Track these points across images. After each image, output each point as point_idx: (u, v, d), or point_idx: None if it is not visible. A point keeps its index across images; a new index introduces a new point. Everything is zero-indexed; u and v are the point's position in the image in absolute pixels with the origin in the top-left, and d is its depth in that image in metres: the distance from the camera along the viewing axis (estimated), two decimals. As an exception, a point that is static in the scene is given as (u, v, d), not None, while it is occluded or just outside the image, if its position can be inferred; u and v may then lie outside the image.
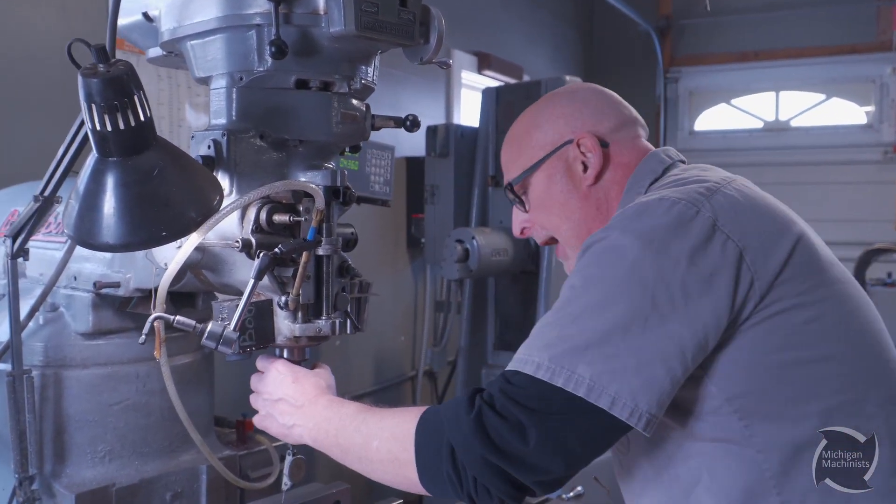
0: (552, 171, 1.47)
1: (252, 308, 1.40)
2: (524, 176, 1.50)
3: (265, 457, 2.02)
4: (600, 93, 1.55)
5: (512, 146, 1.56)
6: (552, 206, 1.49)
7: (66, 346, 1.74)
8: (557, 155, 1.46)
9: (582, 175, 1.46)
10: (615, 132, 1.49)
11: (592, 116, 1.49)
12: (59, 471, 1.72)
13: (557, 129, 1.48)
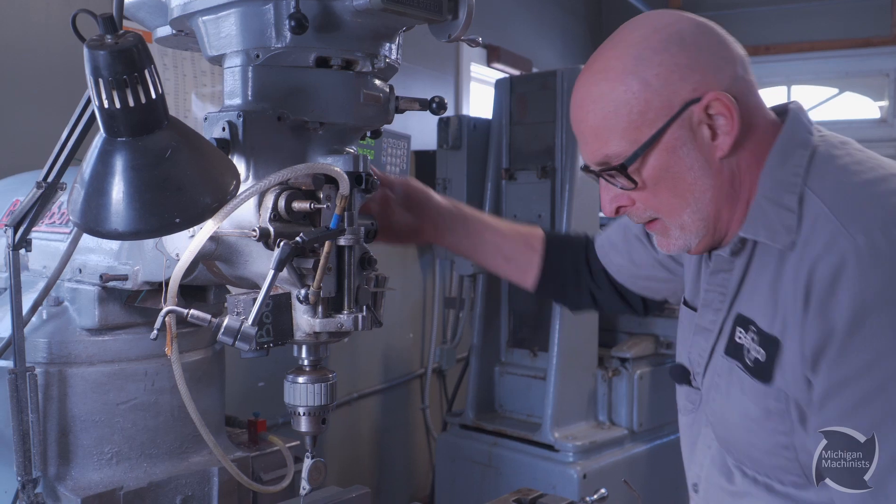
0: (675, 142, 1.21)
1: (270, 302, 1.32)
2: (641, 152, 1.22)
3: (279, 458, 1.94)
4: (706, 28, 1.25)
5: (604, 109, 1.23)
6: (678, 186, 1.24)
7: (71, 343, 1.65)
8: (680, 121, 1.20)
9: (711, 143, 1.21)
10: (736, 82, 1.22)
11: (711, 63, 1.21)
12: (63, 473, 1.63)
13: (672, 85, 1.19)
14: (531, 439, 3.26)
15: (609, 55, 1.26)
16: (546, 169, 3.29)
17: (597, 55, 1.30)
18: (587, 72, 1.29)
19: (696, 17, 1.27)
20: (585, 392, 3.36)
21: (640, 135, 1.21)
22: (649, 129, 1.20)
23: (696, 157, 1.21)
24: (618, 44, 1.27)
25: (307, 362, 1.45)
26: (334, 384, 1.47)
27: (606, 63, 1.26)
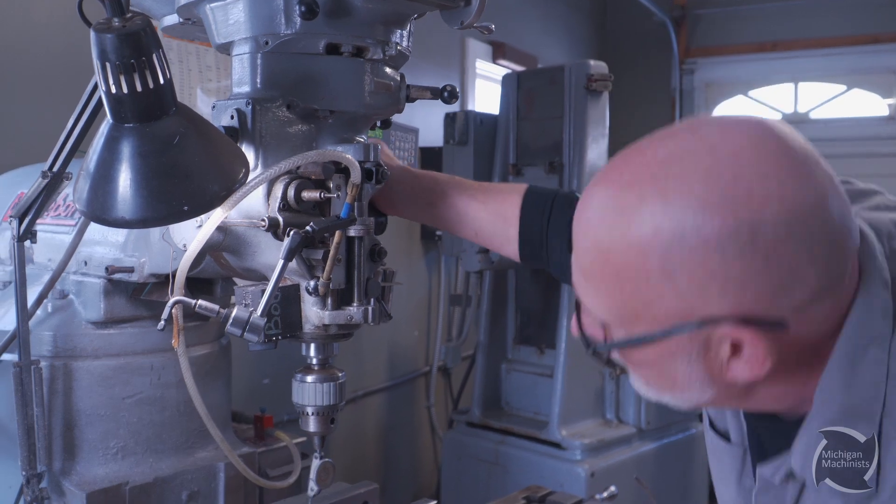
0: (676, 349, 0.91)
1: (278, 294, 1.29)
2: (626, 346, 0.96)
3: (285, 454, 1.92)
4: (800, 221, 0.85)
5: (605, 261, 0.91)
6: (663, 380, 0.97)
7: (77, 336, 1.63)
8: (694, 333, 0.89)
9: (725, 364, 0.91)
10: (811, 304, 0.88)
11: (776, 282, 0.86)
12: (68, 468, 1.62)
13: (704, 295, 0.86)
14: (538, 437, 3.23)
15: (646, 191, 0.88)
16: (554, 164, 3.26)
17: (633, 164, 0.92)
18: (610, 183, 0.93)
19: (801, 189, 0.85)
20: (593, 390, 3.33)
21: (635, 325, 0.92)
22: (648, 326, 0.91)
23: (698, 371, 0.92)
24: (666, 184, 0.87)
25: (315, 361, 1.43)
26: (343, 384, 1.45)
27: (638, 199, 0.88)
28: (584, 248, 0.94)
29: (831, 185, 0.88)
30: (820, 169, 0.88)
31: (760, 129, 0.88)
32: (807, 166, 0.86)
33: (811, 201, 0.85)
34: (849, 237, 0.89)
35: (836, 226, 0.87)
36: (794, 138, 0.88)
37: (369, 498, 1.57)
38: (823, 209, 0.86)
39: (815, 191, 0.85)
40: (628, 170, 0.91)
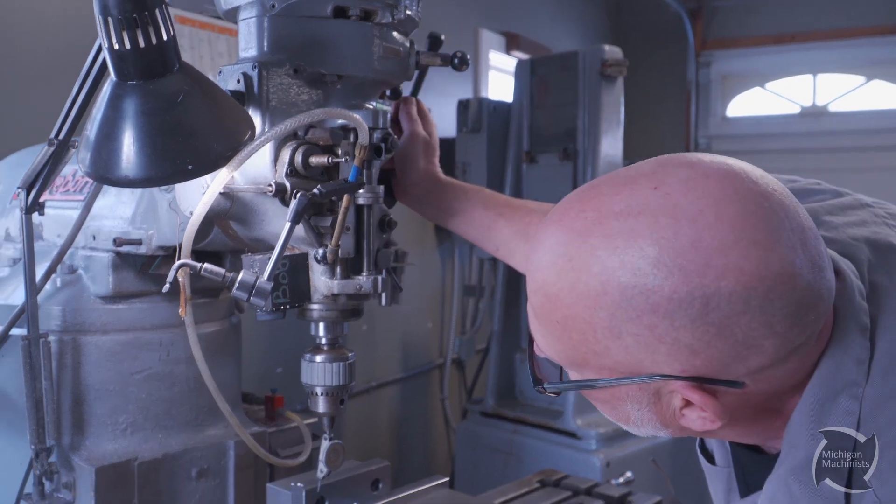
0: (625, 395, 0.91)
1: (286, 262, 1.28)
2: (574, 387, 0.95)
3: (296, 435, 1.90)
4: (760, 294, 0.81)
5: (552, 301, 0.88)
6: (616, 416, 0.97)
7: (85, 311, 1.62)
8: (643, 385, 0.88)
9: (678, 412, 0.90)
10: (771, 367, 0.86)
11: (726, 354, 0.83)
12: (77, 443, 1.60)
13: (653, 354, 0.84)
14: (553, 426, 3.20)
15: (598, 245, 0.84)
16: (568, 151, 3.24)
17: (589, 210, 0.87)
18: (563, 227, 0.88)
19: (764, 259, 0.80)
20: (608, 379, 3.29)
21: (583, 370, 0.91)
22: (597, 373, 0.89)
23: (649, 416, 0.92)
24: (618, 240, 0.83)
25: (325, 340, 1.41)
26: (353, 364, 1.43)
27: (589, 251, 0.84)
28: (533, 290, 0.91)
29: (802, 247, 0.83)
30: (794, 231, 0.83)
31: (729, 187, 0.82)
32: (777, 232, 0.81)
33: (775, 271, 0.80)
34: (819, 301, 0.84)
35: (803, 292, 0.82)
36: (766, 195, 0.83)
37: (381, 475, 1.54)
38: (789, 277, 0.81)
39: (781, 259, 0.80)
40: (583, 216, 0.86)
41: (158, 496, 1.62)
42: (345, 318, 1.37)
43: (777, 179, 0.88)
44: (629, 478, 1.95)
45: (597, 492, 1.85)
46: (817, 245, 0.85)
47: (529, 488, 1.88)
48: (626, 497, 1.82)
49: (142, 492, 1.59)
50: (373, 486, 1.53)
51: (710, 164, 0.85)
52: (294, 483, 1.44)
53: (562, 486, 1.90)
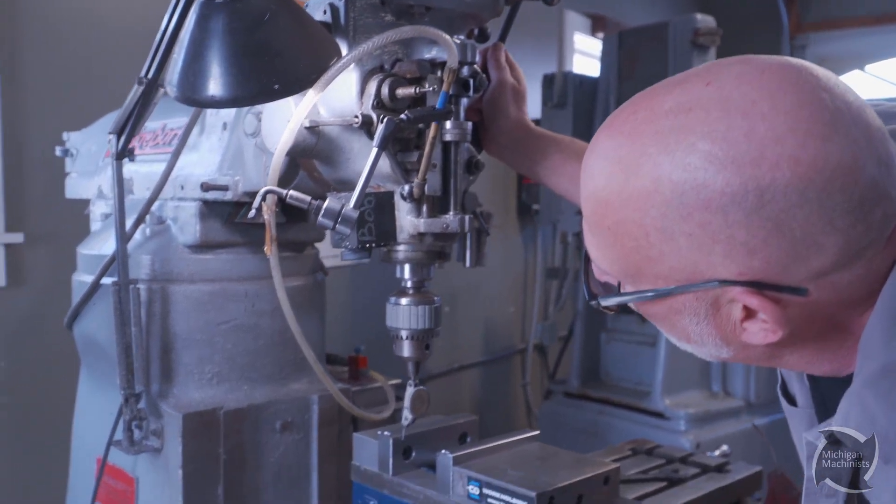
0: (683, 307, 0.86)
1: (372, 199, 1.25)
2: (630, 301, 0.91)
3: (380, 395, 1.88)
4: (819, 187, 0.76)
5: (606, 208, 0.85)
6: (677, 335, 0.93)
7: (173, 260, 1.63)
8: (700, 293, 0.84)
9: (738, 325, 0.85)
10: (834, 271, 0.80)
11: (788, 251, 0.78)
12: (165, 391, 1.61)
13: (708, 255, 0.80)
14: (640, 406, 3.11)
15: (648, 144, 0.81)
16: (657, 124, 3.14)
17: (640, 112, 0.84)
18: (614, 131, 0.86)
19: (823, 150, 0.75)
20: (698, 360, 3.15)
21: (638, 281, 0.86)
22: (652, 283, 0.85)
23: (708, 330, 0.87)
24: (669, 138, 0.79)
25: (410, 283, 1.38)
26: (438, 308, 1.40)
27: (639, 151, 0.81)
28: (585, 197, 0.88)
29: (866, 142, 0.77)
30: (857, 126, 0.77)
31: (787, 79, 0.78)
32: (837, 124, 0.76)
33: (834, 162, 0.75)
34: (885, 199, 0.78)
35: (867, 188, 0.76)
36: (828, 88, 0.77)
37: (468, 429, 1.50)
38: (850, 170, 0.75)
39: (841, 150, 0.75)
40: (634, 118, 0.83)
41: (242, 447, 1.62)
42: (430, 259, 1.34)
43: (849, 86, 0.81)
44: (725, 451, 1.85)
45: (692, 460, 1.77)
46: (886, 145, 0.79)
47: (621, 455, 1.81)
48: (723, 466, 1.74)
49: (227, 441, 1.59)
50: (460, 440, 1.49)
51: (767, 60, 0.80)
52: (381, 432, 1.41)
53: (654, 454, 1.83)
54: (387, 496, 1.38)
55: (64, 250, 2.01)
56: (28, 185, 2.47)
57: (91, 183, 1.99)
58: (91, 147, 2.05)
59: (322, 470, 1.72)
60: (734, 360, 0.92)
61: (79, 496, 1.88)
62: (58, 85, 2.51)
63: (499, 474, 1.23)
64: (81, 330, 1.78)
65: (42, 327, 2.47)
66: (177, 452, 1.56)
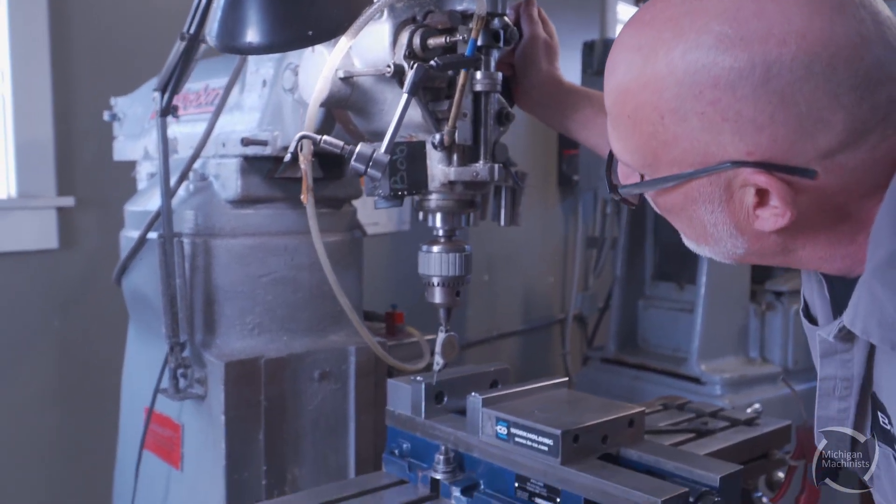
0: (696, 194, 0.90)
1: (404, 148, 1.28)
2: (646, 189, 0.95)
3: (416, 350, 1.93)
4: (822, 65, 0.79)
5: (626, 93, 0.89)
6: (694, 229, 0.96)
7: (215, 215, 1.69)
8: (713, 177, 0.87)
9: (751, 211, 0.88)
10: (841, 151, 0.83)
11: (796, 127, 0.81)
12: (208, 341, 1.68)
13: (719, 135, 0.84)
14: (676, 372, 3.12)
15: (664, 29, 0.85)
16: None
17: (659, 2, 0.88)
18: (634, 23, 0.91)
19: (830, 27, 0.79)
20: (736, 326, 3.17)
21: (656, 169, 0.90)
22: (667, 168, 0.89)
23: (723, 219, 0.90)
24: (684, 21, 0.84)
25: (442, 232, 1.41)
26: (469, 256, 1.43)
27: (655, 37, 0.86)
28: (607, 91, 0.93)
29: (874, 24, 0.80)
30: (865, 8, 0.81)
31: None
32: (844, 4, 0.80)
33: (840, 38, 0.79)
34: (891, 82, 0.81)
35: (873, 66, 0.79)
36: None
37: (500, 377, 1.54)
38: (856, 47, 0.79)
39: (847, 28, 0.79)
40: (652, 8, 0.88)
41: (283, 395, 1.68)
42: (461, 208, 1.37)
43: None
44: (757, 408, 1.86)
45: (722, 415, 1.79)
46: (895, 31, 0.82)
47: (652, 410, 1.83)
48: (753, 420, 1.75)
49: (267, 388, 1.66)
50: (491, 387, 1.53)
51: None
52: (414, 378, 1.46)
53: (685, 409, 1.85)
54: (419, 438, 1.42)
55: (113, 212, 2.09)
56: (78, 149, 2.55)
57: (137, 145, 2.07)
58: (137, 110, 2.12)
59: (359, 420, 1.78)
60: (749, 256, 0.95)
61: (129, 444, 1.97)
62: (105, 51, 2.58)
63: (526, 415, 1.27)
64: (129, 284, 1.85)
65: (93, 288, 2.57)
66: (219, 399, 1.62)
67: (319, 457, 1.73)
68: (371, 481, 1.43)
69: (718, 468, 1.22)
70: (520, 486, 1.26)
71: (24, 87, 2.43)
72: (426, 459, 1.39)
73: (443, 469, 1.34)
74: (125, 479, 1.91)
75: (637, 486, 1.14)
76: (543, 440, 1.22)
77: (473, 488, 1.32)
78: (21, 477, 2.55)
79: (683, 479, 1.21)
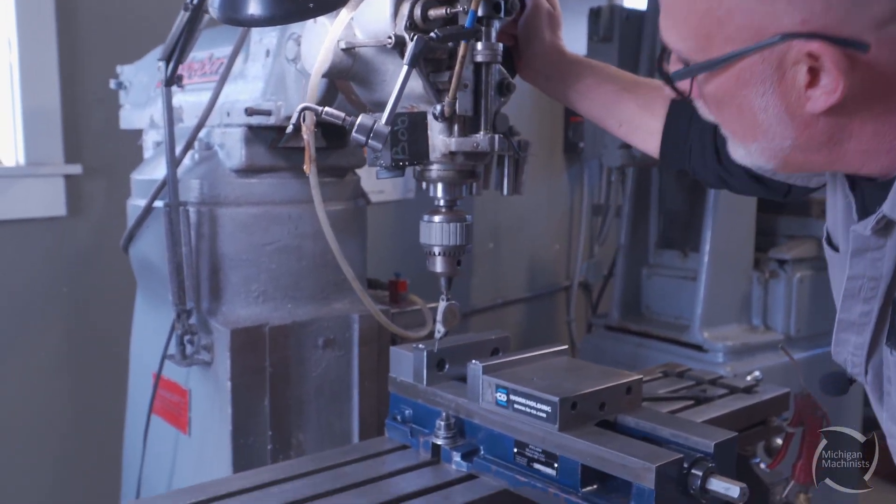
0: (749, 74, 0.92)
1: (405, 119, 1.29)
2: (696, 72, 0.96)
3: (418, 318, 1.95)
4: None
5: None
6: (744, 120, 0.98)
7: (220, 184, 1.71)
8: (766, 52, 0.89)
9: (802, 91, 0.90)
10: (881, 31, 0.86)
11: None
12: (214, 308, 1.71)
13: (772, 5, 0.87)
14: (679, 339, 3.14)
15: None
16: (702, 58, 3.10)
17: None
18: None
19: None
20: (739, 294, 3.19)
21: (708, 48, 0.93)
22: (721, 46, 0.91)
23: (773, 102, 0.92)
24: None
25: (443, 202, 1.43)
26: (470, 226, 1.44)
27: None
28: None
29: None
30: None
31: None
32: None
33: None
34: None
35: None
36: None
37: (501, 345, 1.56)
38: None
39: None
40: None
41: (287, 362, 1.71)
42: (462, 178, 1.38)
43: None
44: (757, 376, 1.88)
45: (721, 382, 1.81)
46: None
47: (652, 377, 1.86)
48: (752, 388, 1.78)
49: (272, 355, 1.68)
50: (492, 355, 1.55)
51: None
52: (416, 346, 1.48)
53: (685, 377, 1.87)
54: (421, 405, 1.45)
55: (120, 180, 2.11)
56: (85, 117, 2.57)
57: (143, 113, 2.08)
58: (143, 79, 2.13)
59: (363, 386, 1.81)
60: (795, 152, 0.97)
61: (137, 409, 2.01)
62: (111, 18, 2.58)
63: (525, 382, 1.29)
64: (136, 252, 1.87)
65: (101, 255, 2.59)
66: (225, 366, 1.65)
67: (324, 423, 1.76)
68: (374, 446, 1.46)
69: (713, 435, 1.24)
70: (518, 451, 1.28)
71: (30, 55, 2.44)
72: (427, 425, 1.42)
73: (444, 435, 1.37)
74: (134, 444, 1.95)
75: (633, 453, 1.16)
76: (542, 407, 1.24)
77: (473, 454, 1.34)
78: (32, 441, 2.60)
79: (679, 446, 1.23)
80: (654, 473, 1.12)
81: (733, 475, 1.22)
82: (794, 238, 3.30)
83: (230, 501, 1.23)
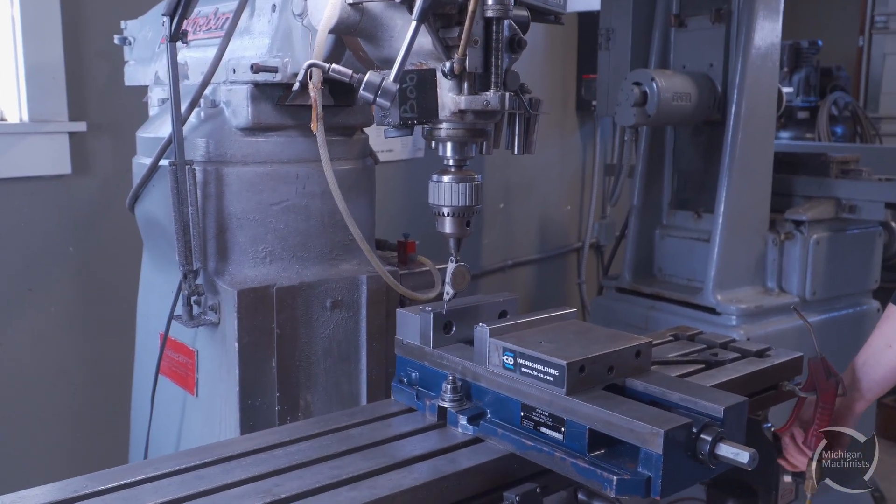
0: None
1: (414, 76, 1.26)
2: None
3: (427, 279, 1.93)
4: None
5: None
6: None
7: (227, 142, 1.68)
8: None
9: None
10: None
11: None
12: (221, 269, 1.69)
13: None
14: (691, 302, 3.11)
15: None
16: (721, 12, 3.02)
17: None
18: None
19: None
20: (753, 255, 3.14)
21: None
22: None
23: None
24: None
25: (452, 162, 1.40)
26: (480, 186, 1.42)
27: None
28: None
29: None
30: None
31: None
32: None
33: None
34: None
35: None
36: None
37: (508, 307, 1.54)
38: None
39: None
40: None
41: (295, 322, 1.70)
42: (472, 137, 1.35)
43: None
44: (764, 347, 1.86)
45: (733, 346, 1.79)
46: None
47: (662, 340, 1.83)
48: (764, 351, 1.75)
49: (279, 316, 1.67)
50: (500, 317, 1.53)
51: None
52: (423, 308, 1.47)
53: (696, 340, 1.85)
54: (427, 367, 1.44)
55: (125, 138, 2.08)
56: (89, 73, 2.53)
57: (148, 70, 2.04)
58: (147, 34, 2.09)
59: (370, 347, 1.79)
60: None
61: (144, 369, 2.01)
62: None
63: (533, 345, 1.27)
64: (143, 211, 1.85)
65: (107, 213, 2.58)
66: (233, 326, 1.64)
67: (331, 384, 1.76)
68: (380, 409, 1.45)
69: (723, 399, 1.23)
70: (525, 415, 1.27)
71: (32, 8, 2.40)
72: (434, 388, 1.41)
73: (450, 398, 1.36)
74: (142, 404, 1.95)
75: (641, 417, 1.15)
76: (549, 370, 1.23)
77: (480, 417, 1.33)
78: (41, 400, 2.61)
79: (688, 410, 1.22)
80: (663, 438, 1.11)
81: (743, 440, 1.20)
82: (811, 199, 3.24)
83: (236, 463, 1.23)
